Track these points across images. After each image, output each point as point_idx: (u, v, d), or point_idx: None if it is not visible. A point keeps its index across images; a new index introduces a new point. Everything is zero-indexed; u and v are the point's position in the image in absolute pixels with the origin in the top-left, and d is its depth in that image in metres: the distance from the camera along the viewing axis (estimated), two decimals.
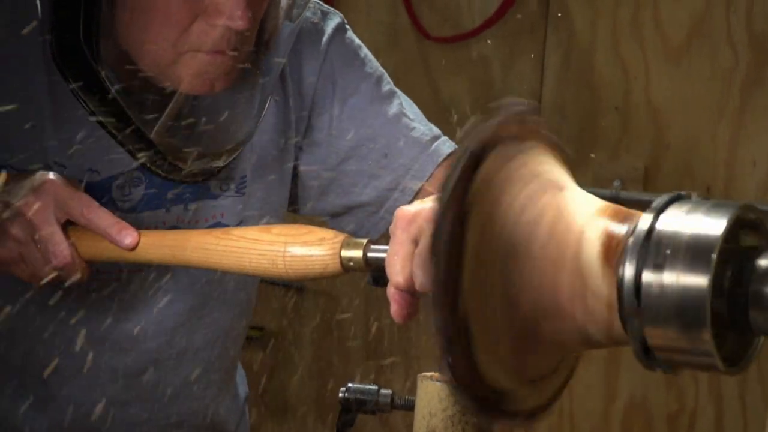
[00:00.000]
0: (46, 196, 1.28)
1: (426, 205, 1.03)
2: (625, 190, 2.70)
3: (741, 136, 2.64)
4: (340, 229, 1.48)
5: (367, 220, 1.49)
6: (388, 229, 1.06)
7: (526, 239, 0.82)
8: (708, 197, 0.82)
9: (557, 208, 0.83)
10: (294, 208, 1.55)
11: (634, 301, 0.78)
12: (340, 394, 1.17)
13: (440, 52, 2.88)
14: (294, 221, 1.23)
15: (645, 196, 2.65)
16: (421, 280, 1.00)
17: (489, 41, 2.84)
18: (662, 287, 0.77)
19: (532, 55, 2.81)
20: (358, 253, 1.11)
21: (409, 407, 1.08)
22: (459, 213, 0.79)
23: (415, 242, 1.02)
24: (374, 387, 1.16)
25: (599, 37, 2.75)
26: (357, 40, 1.53)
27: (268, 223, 1.46)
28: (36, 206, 1.27)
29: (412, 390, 1.11)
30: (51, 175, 1.30)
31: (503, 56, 2.84)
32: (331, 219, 1.52)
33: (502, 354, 0.83)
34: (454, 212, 0.79)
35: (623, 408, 2.79)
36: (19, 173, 1.33)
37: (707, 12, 2.64)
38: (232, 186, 1.45)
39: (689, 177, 2.69)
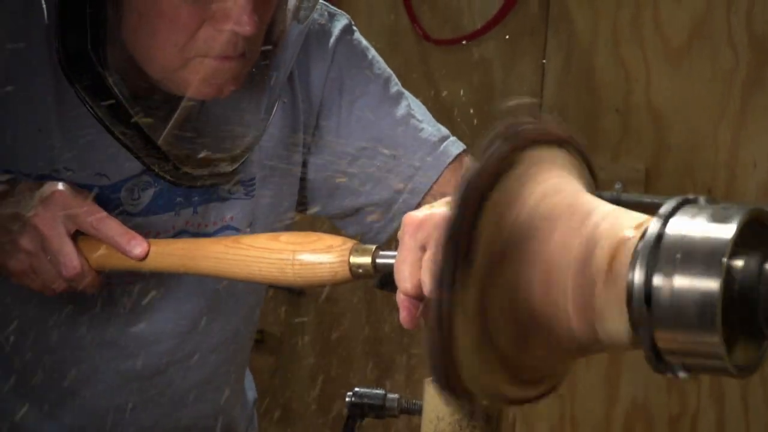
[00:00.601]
0: (55, 206, 1.28)
1: (434, 210, 1.03)
2: (626, 192, 2.69)
3: (742, 138, 2.64)
4: (350, 230, 1.49)
5: (376, 222, 1.49)
6: (396, 234, 1.05)
7: (535, 237, 0.82)
8: (713, 200, 0.82)
9: (569, 208, 0.83)
10: (302, 209, 1.55)
11: (644, 305, 0.78)
12: (347, 399, 1.16)
13: (441, 55, 2.88)
14: (304, 224, 1.23)
15: (646, 198, 2.65)
16: (429, 287, 1.00)
17: (490, 43, 2.84)
18: (672, 291, 0.77)
19: (533, 58, 2.81)
20: (366, 260, 1.11)
21: (417, 411, 1.08)
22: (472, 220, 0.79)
23: (423, 248, 1.02)
24: (381, 391, 1.16)
25: (600, 39, 2.75)
26: (364, 42, 1.53)
27: (277, 224, 1.46)
28: (45, 217, 1.27)
29: (414, 393, 1.11)
30: (60, 186, 1.30)
31: (504, 58, 2.84)
32: (339, 220, 1.52)
33: (501, 355, 0.83)
34: (467, 221, 0.79)
35: (625, 411, 2.79)
36: (27, 183, 1.33)
37: (708, 13, 2.64)
38: (241, 189, 1.45)
39: (690, 178, 2.69)
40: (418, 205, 1.46)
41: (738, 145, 2.65)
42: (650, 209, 0.82)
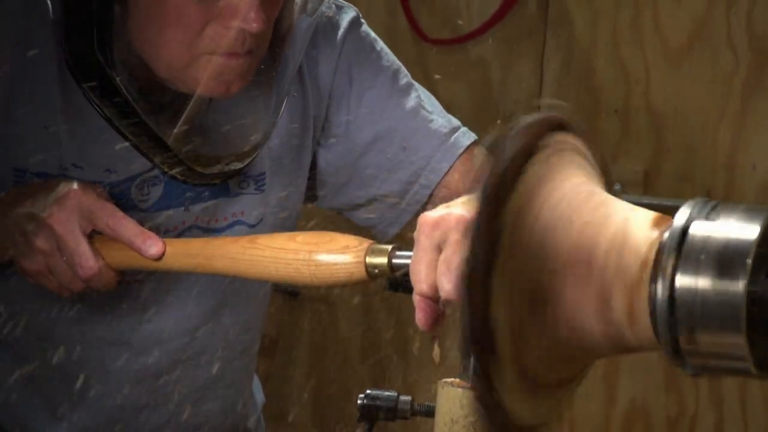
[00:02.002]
0: (70, 206, 1.27)
1: (450, 210, 1.02)
2: (625, 194, 2.69)
3: (741, 139, 2.64)
4: (360, 222, 1.48)
5: (389, 213, 1.49)
6: (408, 226, 1.05)
7: (561, 232, 0.81)
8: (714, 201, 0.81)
9: (597, 201, 0.83)
10: (313, 202, 1.54)
11: (667, 306, 0.77)
12: (359, 401, 1.16)
13: (439, 55, 2.87)
14: (316, 221, 1.23)
15: (645, 200, 2.65)
16: (445, 288, 0.99)
17: (488, 43, 2.83)
18: (696, 292, 0.76)
19: (532, 58, 2.81)
20: (383, 260, 1.11)
21: (430, 413, 1.07)
22: (495, 220, 0.78)
23: (439, 249, 1.01)
24: (393, 393, 1.16)
25: (599, 40, 2.74)
26: (372, 34, 1.53)
27: (287, 219, 1.46)
28: (60, 217, 1.26)
29: (413, 393, 1.10)
30: (75, 185, 1.29)
31: (502, 59, 2.83)
32: (351, 211, 1.52)
33: (524, 360, 0.82)
34: (491, 222, 0.78)
35: (623, 412, 2.78)
36: (42, 183, 1.32)
37: (708, 15, 2.63)
38: (251, 184, 1.44)
39: (689, 180, 2.68)
40: (429, 197, 1.46)
41: (737, 147, 2.64)
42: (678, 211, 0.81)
